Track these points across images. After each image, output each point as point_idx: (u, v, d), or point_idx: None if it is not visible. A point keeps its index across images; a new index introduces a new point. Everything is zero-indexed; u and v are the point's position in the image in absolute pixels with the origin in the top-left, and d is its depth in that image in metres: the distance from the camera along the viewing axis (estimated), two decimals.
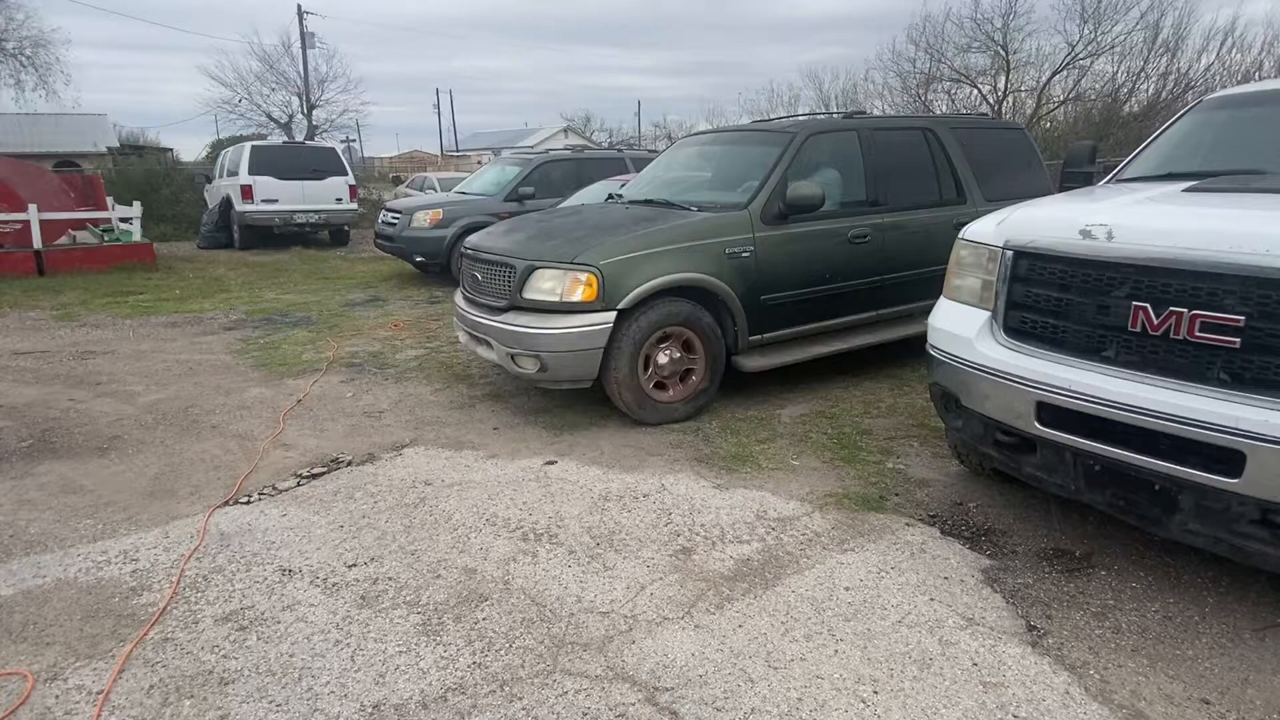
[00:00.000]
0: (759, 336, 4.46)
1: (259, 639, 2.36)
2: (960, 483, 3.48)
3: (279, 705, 2.08)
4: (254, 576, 2.72)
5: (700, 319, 4.21)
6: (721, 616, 2.46)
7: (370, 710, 2.06)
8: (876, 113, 19.72)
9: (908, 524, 3.08)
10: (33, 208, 10.06)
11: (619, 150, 13.16)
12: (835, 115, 5.38)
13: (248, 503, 3.33)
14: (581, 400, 4.58)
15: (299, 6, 28.59)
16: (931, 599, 2.55)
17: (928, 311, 5.14)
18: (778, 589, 2.61)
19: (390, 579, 2.70)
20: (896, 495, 3.34)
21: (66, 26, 46.86)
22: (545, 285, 4.05)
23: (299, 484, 3.52)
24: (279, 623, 2.44)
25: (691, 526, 3.05)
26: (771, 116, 6.42)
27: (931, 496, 3.34)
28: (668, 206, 4.73)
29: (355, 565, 2.79)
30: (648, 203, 4.94)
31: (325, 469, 3.68)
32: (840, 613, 2.47)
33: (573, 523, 3.10)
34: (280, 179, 13.04)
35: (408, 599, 2.58)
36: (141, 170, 19.12)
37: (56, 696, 2.11)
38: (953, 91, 19.83)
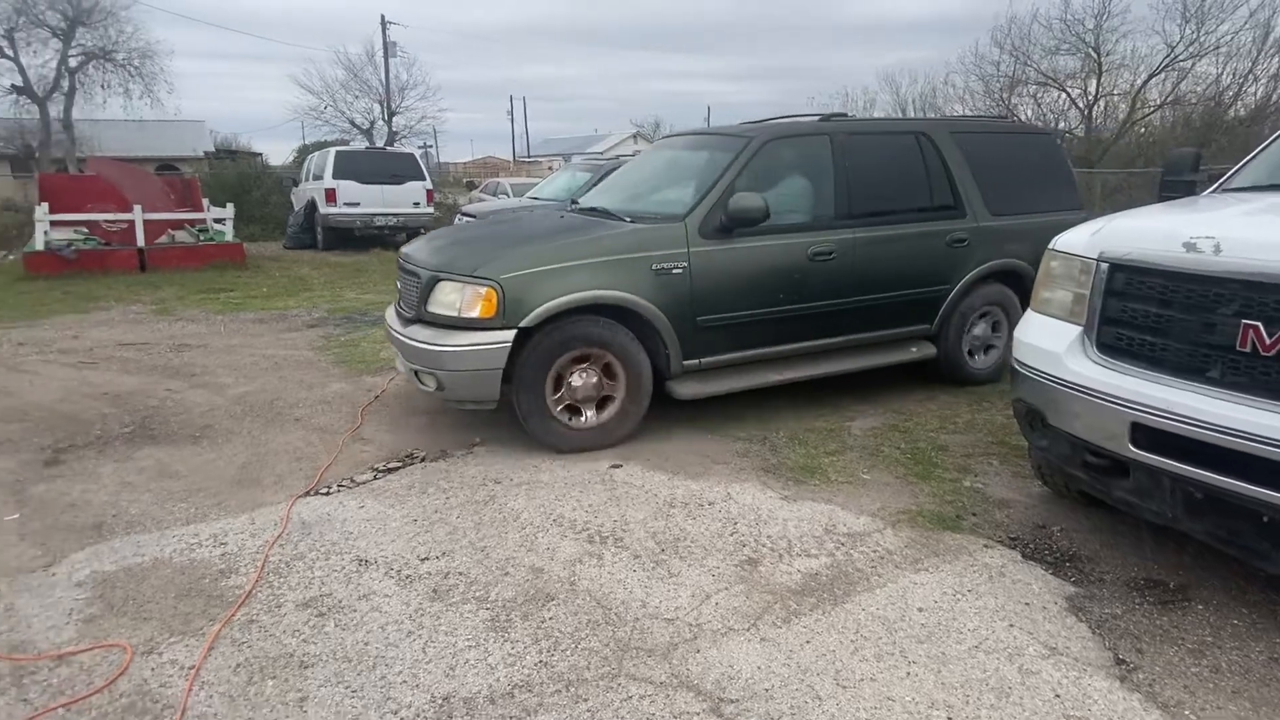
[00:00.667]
0: (696, 361, 4.07)
1: (337, 626, 2.45)
2: (1043, 504, 3.33)
3: (354, 691, 2.15)
4: (333, 565, 2.82)
5: (620, 340, 3.86)
6: (788, 631, 2.42)
7: (440, 702, 2.10)
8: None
9: (986, 545, 2.96)
10: (138, 208, 10.76)
11: None
12: (811, 118, 4.80)
13: (327, 494, 3.46)
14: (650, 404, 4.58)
15: (382, 17, 29.77)
16: (1011, 625, 2.44)
17: (916, 337, 4.79)
18: (847, 606, 2.55)
19: (461, 574, 2.76)
20: (974, 515, 3.22)
21: (170, 39, 50.07)
22: (447, 298, 3.78)
23: (375, 477, 3.64)
24: (355, 611, 2.53)
25: (758, 537, 3.02)
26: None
27: (1012, 518, 3.21)
28: (605, 216, 4.40)
29: (428, 559, 2.87)
30: (591, 211, 4.64)
31: (400, 464, 3.80)
32: (913, 634, 2.40)
33: (638, 527, 3.11)
34: (362, 183, 13.58)
35: (477, 594, 2.63)
36: (234, 174, 20.20)
37: (152, 669, 2.24)
38: (1039, 95, 19.05)
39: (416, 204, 14.23)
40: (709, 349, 4.11)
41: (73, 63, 25.81)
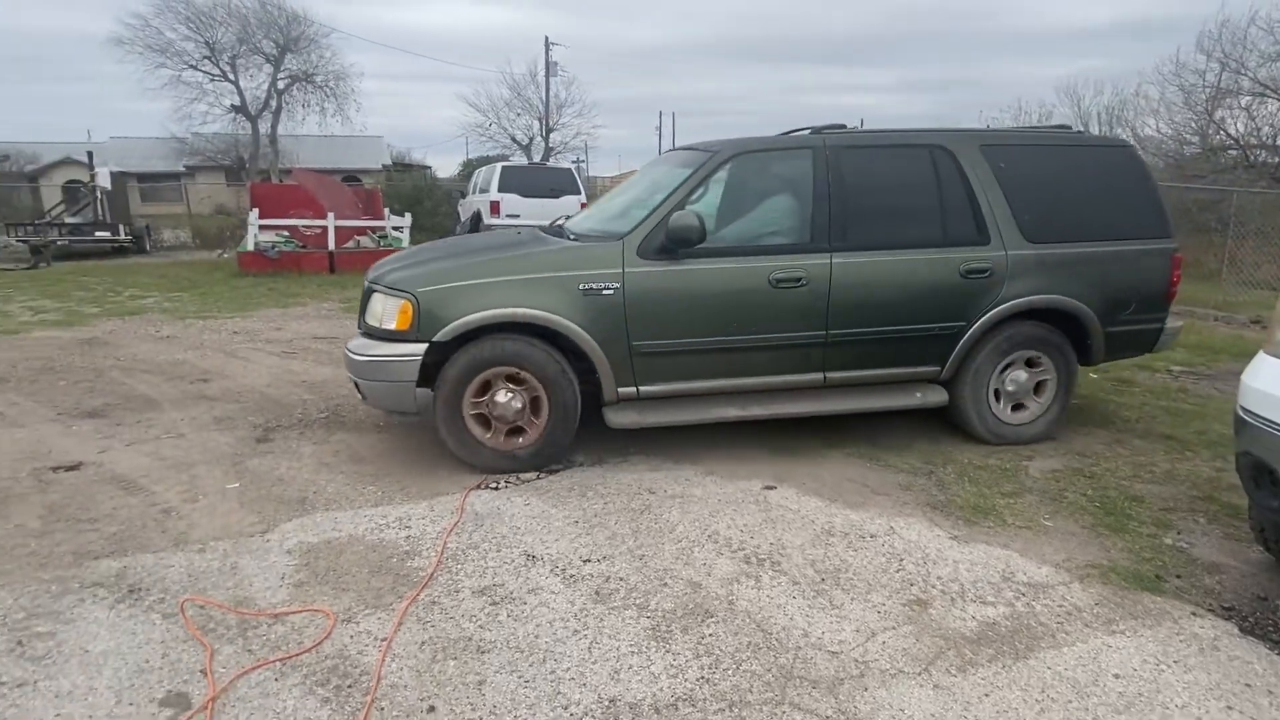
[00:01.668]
0: (633, 389, 3.85)
1: (509, 616, 2.58)
2: (1264, 573, 2.93)
3: (527, 681, 2.25)
4: (503, 558, 2.98)
5: (541, 361, 3.72)
6: (964, 680, 2.27)
7: (607, 704, 2.16)
8: (1150, 132, 17.29)
9: (1194, 613, 2.64)
10: (330, 215, 11.97)
11: None
12: (802, 130, 4.35)
13: (496, 488, 3.66)
14: (803, 426, 4.49)
15: (546, 39, 31.44)
16: (1229, 707, 2.17)
17: (921, 380, 4.19)
18: (1030, 662, 2.37)
19: (621, 579, 2.83)
20: (1178, 577, 2.89)
21: (360, 62, 55.49)
22: (374, 309, 3.84)
23: (539, 477, 3.82)
24: (525, 604, 2.66)
25: (926, 577, 2.87)
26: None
27: (1224, 585, 2.85)
28: (556, 233, 4.30)
29: (590, 561, 2.96)
30: (556, 229, 4.54)
31: (560, 466, 3.95)
32: (1109, 702, 2.18)
33: (795, 553, 3.05)
34: (523, 196, 14.34)
35: (637, 602, 2.68)
36: (409, 185, 22.03)
37: (351, 637, 2.47)
38: (1252, 107, 16.88)
39: (570, 216, 14.84)
40: (650, 377, 3.87)
41: (280, 85, 29.26)
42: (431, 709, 2.13)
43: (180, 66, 27.55)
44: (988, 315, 4.05)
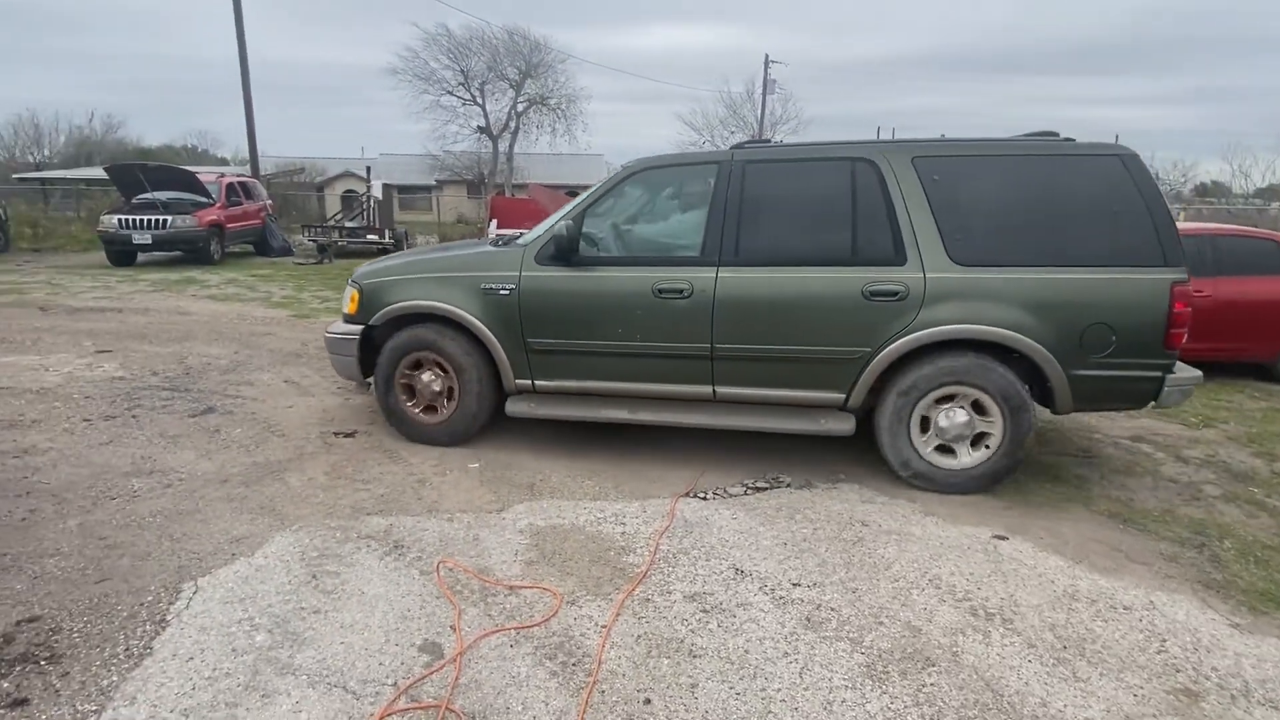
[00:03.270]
0: (528, 382, 4.20)
1: (719, 626, 2.62)
2: None
3: (738, 694, 2.27)
4: (712, 567, 3.03)
5: (449, 349, 4.21)
6: None
7: None
8: None
9: None
10: None
11: None
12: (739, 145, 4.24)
13: (704, 499, 3.74)
14: (1040, 475, 4.09)
15: (766, 56, 31.66)
16: None
17: (818, 405, 3.91)
18: None
19: (832, 609, 2.76)
20: None
21: (590, 85, 59.42)
22: (345, 297, 4.53)
23: (745, 493, 3.83)
24: (734, 617, 2.68)
25: (1197, 665, 2.48)
26: None
27: None
28: (495, 242, 4.70)
29: (799, 585, 2.92)
30: (508, 239, 4.74)
31: (767, 485, 3.94)
32: None
33: (1031, 613, 2.77)
34: None
35: (850, 635, 2.60)
36: None
37: (574, 618, 2.64)
38: None
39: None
40: (544, 373, 4.18)
41: (520, 108, 32.24)
42: (648, 701, 2.22)
43: (439, 92, 31.43)
44: (899, 342, 3.72)
